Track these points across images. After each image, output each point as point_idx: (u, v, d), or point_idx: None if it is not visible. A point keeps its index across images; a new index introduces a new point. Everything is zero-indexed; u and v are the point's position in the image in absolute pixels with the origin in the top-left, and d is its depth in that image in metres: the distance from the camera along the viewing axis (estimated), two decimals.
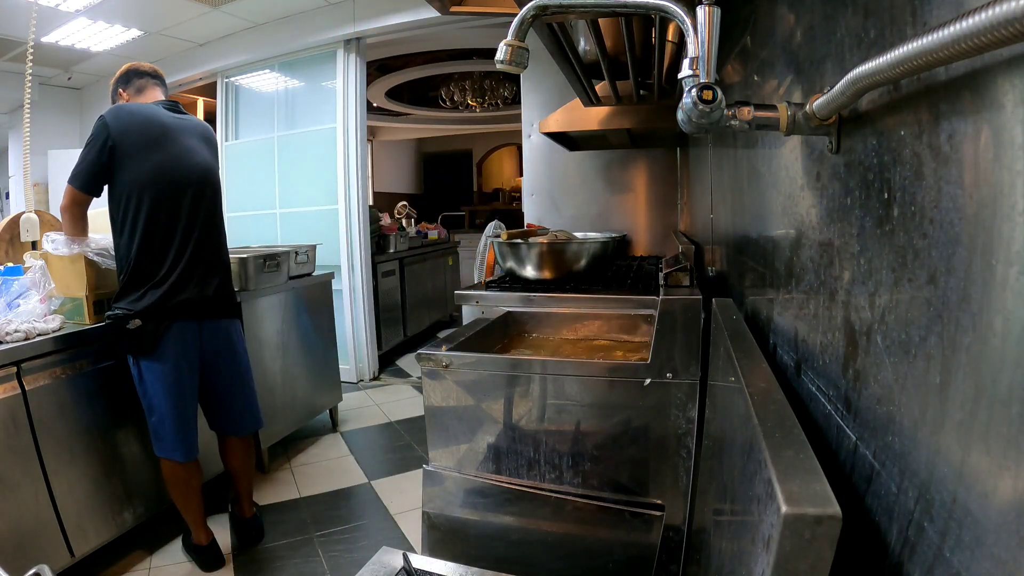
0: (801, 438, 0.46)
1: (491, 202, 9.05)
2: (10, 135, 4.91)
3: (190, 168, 1.78)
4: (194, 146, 1.82)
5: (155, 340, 1.71)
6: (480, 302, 1.70)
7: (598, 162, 2.93)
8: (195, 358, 1.81)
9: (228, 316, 1.91)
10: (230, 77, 4.29)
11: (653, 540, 1.06)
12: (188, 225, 1.76)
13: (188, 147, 1.80)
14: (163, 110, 1.81)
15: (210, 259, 1.82)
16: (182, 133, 1.80)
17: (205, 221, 1.81)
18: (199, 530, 1.89)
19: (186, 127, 1.83)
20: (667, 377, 1.04)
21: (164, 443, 1.78)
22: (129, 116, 1.71)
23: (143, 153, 1.70)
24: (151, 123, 1.73)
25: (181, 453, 1.78)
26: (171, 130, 1.77)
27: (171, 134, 1.76)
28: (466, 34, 4.38)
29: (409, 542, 2.05)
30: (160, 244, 1.72)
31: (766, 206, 0.89)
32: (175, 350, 1.74)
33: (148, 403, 1.76)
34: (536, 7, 0.69)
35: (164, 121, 1.77)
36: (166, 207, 1.72)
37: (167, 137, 1.75)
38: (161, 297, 1.70)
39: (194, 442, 1.83)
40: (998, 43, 0.25)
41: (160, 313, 1.70)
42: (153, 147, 1.71)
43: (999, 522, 0.30)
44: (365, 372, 3.99)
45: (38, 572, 0.55)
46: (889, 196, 0.44)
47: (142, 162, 1.69)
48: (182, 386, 1.77)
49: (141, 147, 1.70)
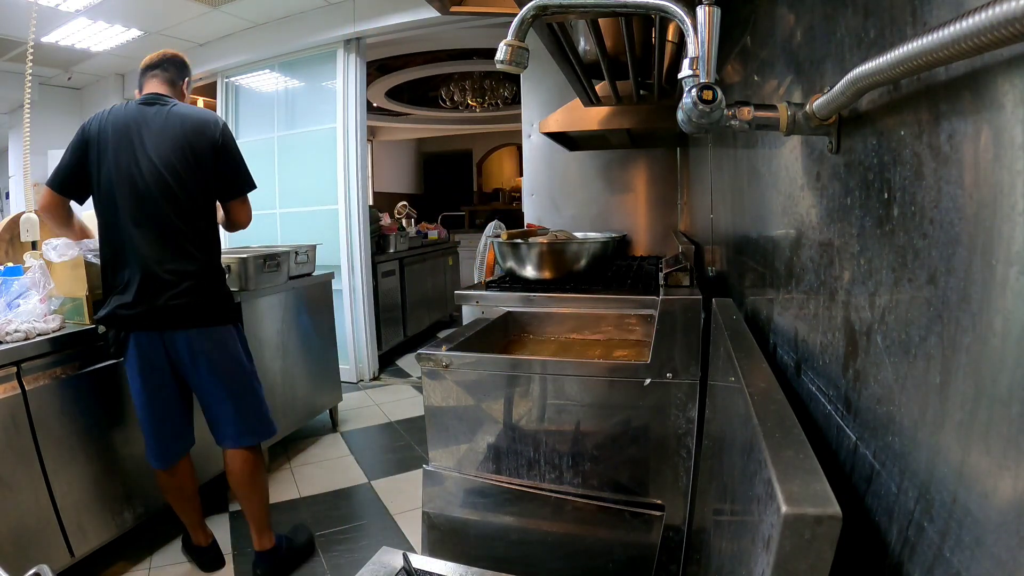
0: (801, 438, 0.46)
1: (491, 202, 9.05)
2: (10, 135, 4.91)
3: (142, 167, 1.63)
4: (156, 143, 1.65)
5: (119, 347, 1.71)
6: (480, 302, 1.70)
7: (598, 162, 2.93)
8: (163, 368, 1.71)
9: (199, 324, 1.71)
10: (230, 77, 4.29)
11: (653, 540, 1.06)
12: (137, 231, 1.64)
13: (149, 144, 1.65)
14: (138, 106, 1.70)
15: (167, 267, 1.65)
16: (148, 129, 1.66)
17: (159, 226, 1.65)
18: (197, 532, 1.88)
19: (157, 122, 1.67)
20: (667, 377, 1.04)
21: (147, 448, 1.77)
22: (100, 119, 1.68)
23: (106, 154, 1.64)
24: (117, 122, 1.66)
25: (154, 460, 1.76)
26: (134, 127, 1.65)
27: (132, 131, 1.65)
28: (466, 34, 4.38)
29: (409, 542, 2.04)
30: (114, 252, 1.67)
31: (766, 206, 0.89)
32: (137, 358, 1.69)
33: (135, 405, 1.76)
34: (536, 7, 0.69)
35: (131, 118, 1.67)
36: (117, 212, 1.65)
37: (126, 135, 1.65)
38: (116, 307, 1.66)
39: (170, 451, 1.77)
40: (998, 43, 0.25)
41: (118, 322, 1.68)
42: (112, 148, 1.64)
43: (999, 522, 0.30)
44: (365, 372, 3.99)
45: (38, 572, 0.55)
46: (889, 196, 0.44)
47: (104, 164, 1.65)
48: (149, 391, 1.71)
49: (105, 148, 1.65)
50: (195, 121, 1.71)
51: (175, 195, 1.66)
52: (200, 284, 1.71)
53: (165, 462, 1.76)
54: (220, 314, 1.77)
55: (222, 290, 1.80)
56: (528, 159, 3.04)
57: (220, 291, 1.79)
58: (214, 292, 1.76)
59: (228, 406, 1.79)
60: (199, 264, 1.71)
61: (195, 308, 1.70)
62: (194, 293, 1.69)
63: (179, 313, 1.68)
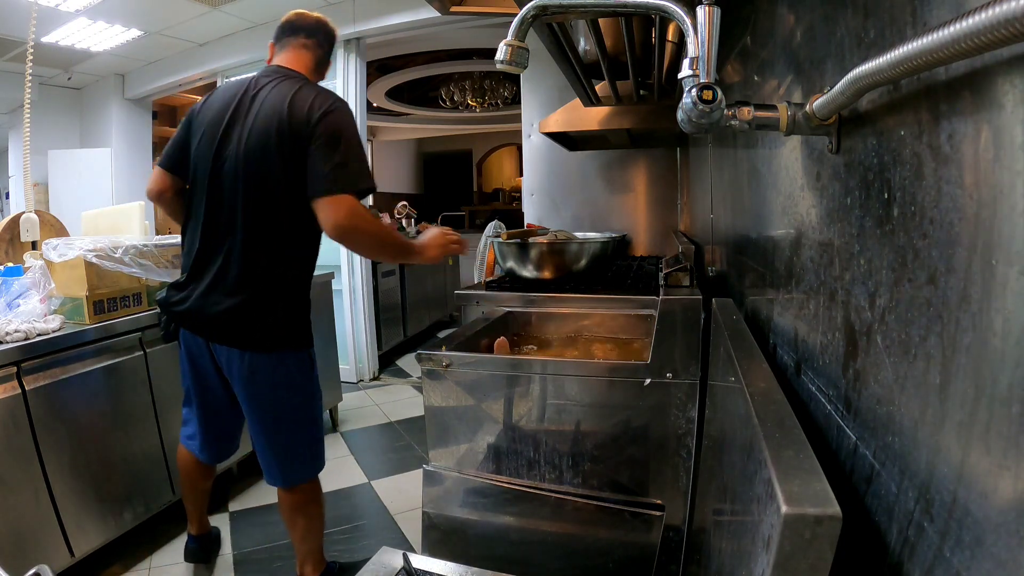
0: (801, 438, 0.46)
1: (491, 202, 9.05)
2: (10, 135, 4.91)
3: (220, 154, 1.44)
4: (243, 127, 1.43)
5: (169, 334, 1.63)
6: (480, 302, 1.70)
7: (598, 162, 2.93)
8: (211, 371, 1.55)
9: (243, 346, 1.46)
10: (230, 77, 4.29)
11: (653, 540, 1.06)
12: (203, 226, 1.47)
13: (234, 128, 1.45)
14: (248, 83, 1.49)
15: (224, 271, 1.44)
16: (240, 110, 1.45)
17: (226, 223, 1.44)
18: (193, 520, 1.87)
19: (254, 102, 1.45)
20: (667, 377, 1.04)
21: (185, 428, 1.70)
22: (210, 95, 1.54)
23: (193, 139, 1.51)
24: (215, 102, 1.50)
25: (199, 449, 1.68)
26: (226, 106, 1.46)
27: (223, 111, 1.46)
28: (466, 34, 4.38)
29: (409, 542, 2.04)
30: (186, 242, 1.55)
31: (766, 206, 0.89)
32: (185, 353, 1.61)
33: None
34: (536, 7, 0.69)
35: (230, 94, 1.48)
36: (191, 202, 1.52)
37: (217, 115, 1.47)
38: (171, 295, 1.54)
39: (212, 448, 1.68)
40: (998, 43, 0.25)
41: (167, 312, 1.58)
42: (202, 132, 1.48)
43: (999, 522, 0.30)
44: (365, 372, 3.99)
45: (38, 572, 0.55)
46: (889, 196, 0.44)
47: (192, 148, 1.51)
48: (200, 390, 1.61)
49: (193, 132, 1.51)
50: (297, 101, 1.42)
51: (260, 193, 1.42)
52: (259, 299, 1.45)
53: (208, 456, 1.69)
54: (273, 339, 1.49)
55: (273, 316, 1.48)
56: (528, 159, 3.04)
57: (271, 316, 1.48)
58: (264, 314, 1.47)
59: (262, 440, 1.56)
60: (263, 275, 1.45)
61: (249, 326, 1.46)
62: (253, 309, 1.45)
63: (229, 328, 1.46)
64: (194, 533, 1.88)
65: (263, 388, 1.51)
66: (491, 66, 3.79)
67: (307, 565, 1.66)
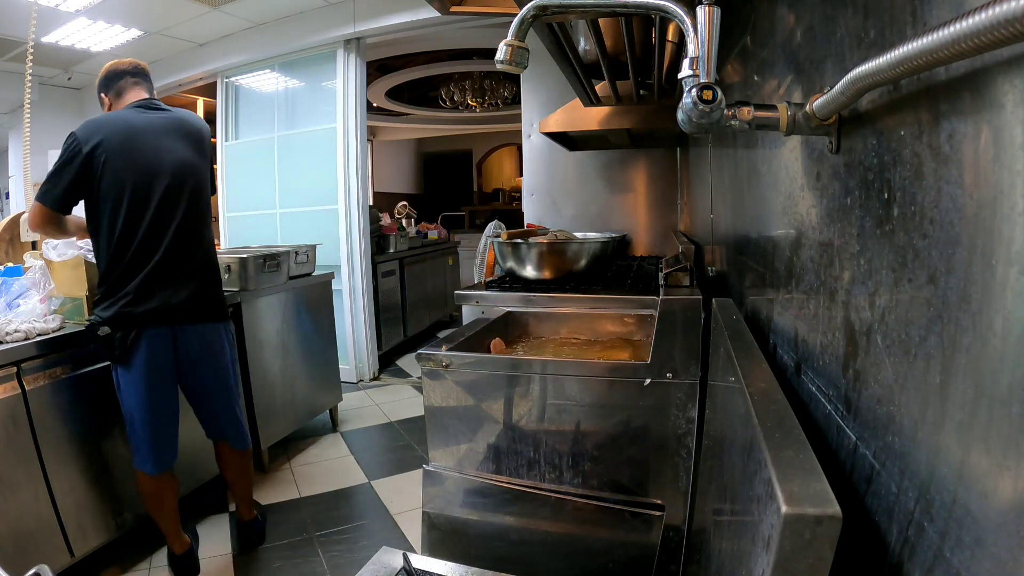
0: (801, 438, 0.46)
1: (491, 202, 9.05)
2: (10, 135, 4.91)
3: (159, 170, 1.71)
4: (171, 147, 1.75)
5: (125, 348, 1.67)
6: (480, 302, 1.70)
7: (598, 162, 2.93)
8: (169, 366, 1.74)
9: (207, 320, 1.80)
10: (230, 77, 4.29)
11: (653, 540, 1.06)
12: (164, 231, 1.70)
13: (165, 149, 1.73)
14: (136, 111, 1.75)
15: (185, 262, 1.74)
16: (154, 133, 1.73)
17: (184, 224, 1.74)
18: (174, 539, 1.84)
19: (160, 126, 1.75)
20: (667, 377, 1.04)
21: (137, 454, 1.74)
22: (96, 127, 1.68)
23: (113, 161, 1.65)
24: (119, 130, 1.69)
25: (150, 465, 1.73)
26: (140, 133, 1.71)
27: (140, 137, 1.71)
28: (466, 34, 4.38)
29: (409, 542, 2.05)
30: (135, 252, 1.68)
31: (766, 206, 0.89)
32: (145, 359, 1.68)
33: (124, 412, 1.73)
34: (536, 7, 0.69)
35: (134, 124, 1.72)
36: (133, 213, 1.67)
37: (136, 140, 1.69)
38: (128, 304, 1.66)
39: (166, 455, 1.76)
40: (998, 43, 0.25)
41: (128, 321, 1.66)
42: (120, 154, 1.66)
43: (999, 522, 0.30)
44: (365, 372, 3.99)
45: (38, 572, 0.55)
46: (889, 196, 0.44)
47: (111, 170, 1.65)
48: (154, 395, 1.71)
49: (112, 155, 1.65)
50: (192, 120, 1.86)
51: (198, 191, 1.80)
52: (211, 278, 1.84)
53: (161, 465, 1.74)
54: (222, 311, 1.88)
55: (221, 287, 1.91)
56: (528, 159, 3.04)
57: (221, 288, 1.90)
58: (218, 288, 1.88)
59: (229, 403, 1.90)
60: (211, 259, 1.84)
61: (206, 303, 1.81)
62: (207, 287, 1.81)
63: (193, 308, 1.76)
64: (179, 552, 1.85)
65: (222, 355, 1.87)
66: (491, 66, 3.78)
67: (250, 508, 2.06)
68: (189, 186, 1.76)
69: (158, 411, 1.73)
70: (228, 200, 4.34)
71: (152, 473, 1.73)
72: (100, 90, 1.84)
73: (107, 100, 1.83)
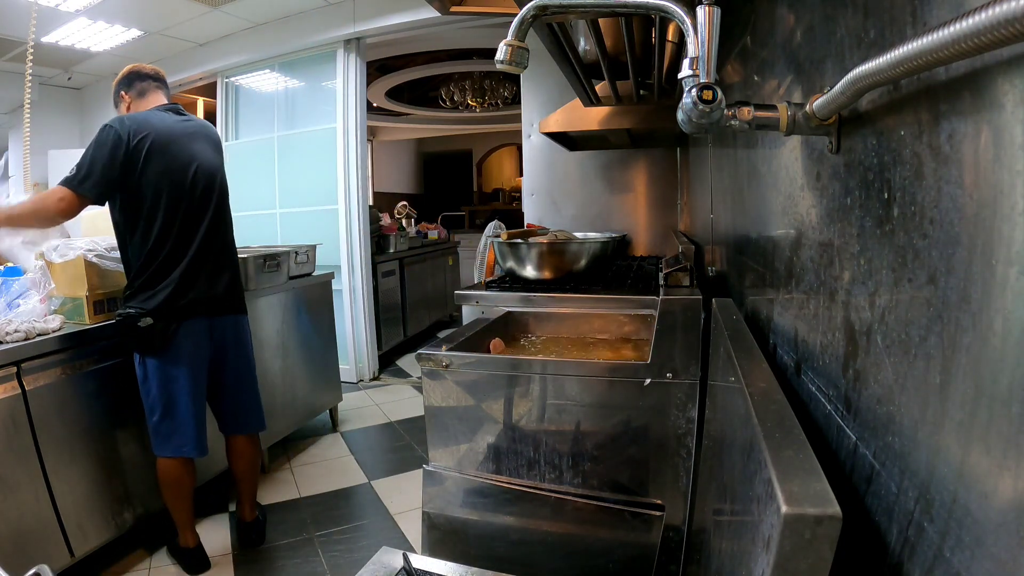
0: (801, 438, 0.46)
1: (491, 202, 9.05)
2: (10, 135, 4.91)
3: (199, 172, 1.81)
4: (201, 149, 1.85)
5: (166, 339, 1.73)
6: (480, 302, 1.70)
7: (598, 162, 2.93)
8: (205, 356, 1.84)
9: (237, 312, 1.94)
10: (230, 77, 4.29)
11: (653, 540, 1.06)
12: (198, 227, 1.80)
13: (195, 151, 1.83)
14: (167, 115, 1.83)
15: (219, 257, 1.87)
16: (189, 137, 1.83)
17: (214, 221, 1.85)
18: (187, 532, 1.87)
19: (192, 131, 1.86)
20: (667, 377, 1.04)
21: (173, 441, 1.78)
22: (137, 124, 1.72)
23: (155, 157, 1.72)
24: (160, 129, 1.76)
25: (194, 448, 1.81)
26: (179, 135, 1.80)
27: (179, 139, 1.79)
28: (466, 34, 4.38)
29: (409, 542, 2.04)
30: (172, 246, 1.75)
31: (766, 206, 0.89)
32: (187, 348, 1.77)
33: (152, 402, 1.76)
34: (536, 7, 0.69)
35: (170, 125, 1.80)
36: (178, 211, 1.76)
37: (175, 143, 1.78)
38: (171, 295, 1.73)
39: (205, 439, 1.85)
40: (998, 43, 0.25)
41: (171, 312, 1.73)
42: (162, 153, 1.74)
43: (999, 522, 0.30)
44: (365, 372, 3.99)
45: (38, 572, 0.55)
46: (889, 196, 0.44)
47: (154, 166, 1.72)
48: (195, 383, 1.80)
49: (153, 152, 1.72)
50: (212, 129, 2.00)
51: (224, 191, 1.94)
52: (237, 274, 1.98)
53: (204, 450, 1.85)
54: (245, 303, 2.01)
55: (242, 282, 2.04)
56: (528, 159, 3.03)
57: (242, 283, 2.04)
58: (241, 282, 2.02)
59: (249, 392, 2.02)
60: (235, 256, 1.98)
61: (237, 296, 1.95)
62: (235, 281, 1.95)
63: (228, 300, 1.90)
64: (192, 546, 1.89)
65: (248, 346, 2.01)
66: (491, 66, 3.78)
67: (254, 508, 2.08)
68: (216, 188, 1.88)
69: (198, 397, 1.83)
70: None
71: (196, 455, 1.83)
72: (121, 88, 1.87)
73: (127, 99, 1.86)
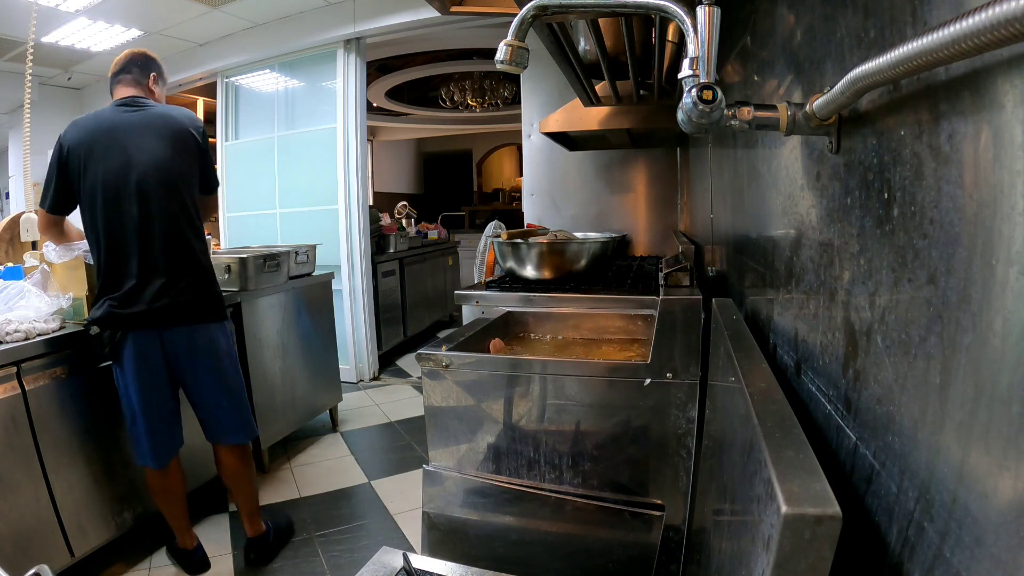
0: (801, 438, 0.46)
1: (491, 202, 9.05)
2: (10, 135, 4.91)
3: (135, 169, 1.67)
4: (140, 144, 1.69)
5: (114, 348, 1.70)
6: (480, 302, 1.70)
7: (598, 162, 2.93)
8: (159, 366, 1.73)
9: (199, 320, 1.76)
10: (230, 77, 4.28)
11: (653, 540, 1.06)
12: (138, 231, 1.67)
13: (136, 147, 1.68)
14: (115, 110, 1.73)
15: (171, 264, 1.70)
16: (127, 132, 1.69)
17: (160, 224, 1.69)
18: (184, 534, 1.87)
19: (137, 124, 1.71)
20: (667, 377, 1.04)
21: (138, 450, 1.76)
22: (76, 129, 1.69)
23: (90, 162, 1.66)
24: (98, 130, 1.68)
25: (151, 460, 1.75)
26: (117, 131, 1.68)
27: (117, 136, 1.68)
28: (466, 34, 4.38)
29: (409, 542, 2.04)
30: (115, 253, 1.68)
31: (766, 206, 0.89)
32: (134, 359, 1.69)
33: (123, 408, 1.75)
34: (536, 7, 0.69)
35: (113, 123, 1.70)
36: (113, 215, 1.67)
37: (112, 140, 1.67)
38: (114, 306, 1.67)
39: (164, 450, 1.77)
40: (998, 43, 0.25)
41: (114, 322, 1.68)
42: (98, 155, 1.66)
43: (999, 522, 0.30)
44: (365, 372, 3.99)
45: (38, 572, 0.54)
46: (889, 196, 0.44)
47: (90, 172, 1.66)
48: (146, 393, 1.71)
49: (88, 156, 1.66)
50: (176, 117, 1.79)
51: (176, 190, 1.73)
52: (199, 280, 1.78)
53: (160, 461, 1.76)
54: (216, 310, 1.83)
55: (215, 286, 1.85)
56: (528, 159, 3.03)
57: (214, 287, 1.85)
58: (210, 287, 1.83)
59: (225, 402, 1.85)
60: (198, 259, 1.78)
61: (195, 304, 1.76)
62: (195, 289, 1.75)
63: (180, 310, 1.72)
64: (191, 547, 1.88)
65: (223, 352, 1.84)
66: (491, 66, 3.78)
67: (255, 522, 1.95)
68: (165, 185, 1.70)
69: (151, 408, 1.73)
70: (228, 200, 4.33)
71: (152, 467, 1.76)
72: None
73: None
